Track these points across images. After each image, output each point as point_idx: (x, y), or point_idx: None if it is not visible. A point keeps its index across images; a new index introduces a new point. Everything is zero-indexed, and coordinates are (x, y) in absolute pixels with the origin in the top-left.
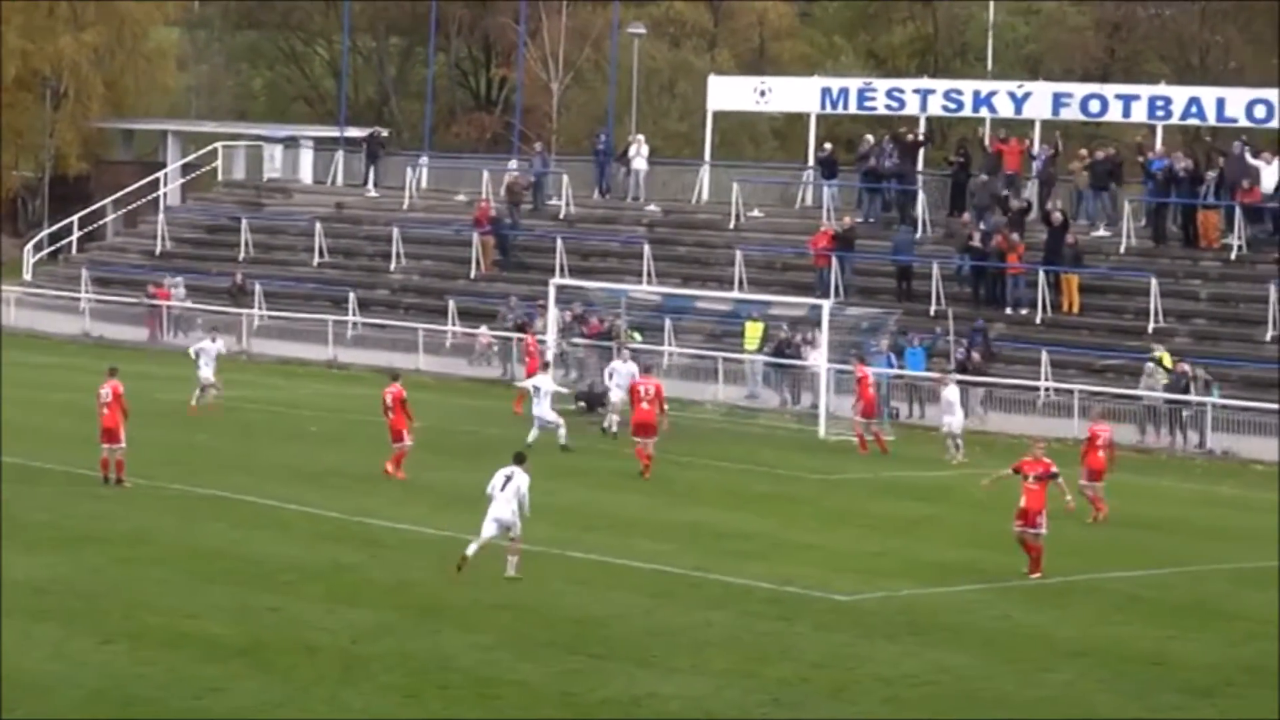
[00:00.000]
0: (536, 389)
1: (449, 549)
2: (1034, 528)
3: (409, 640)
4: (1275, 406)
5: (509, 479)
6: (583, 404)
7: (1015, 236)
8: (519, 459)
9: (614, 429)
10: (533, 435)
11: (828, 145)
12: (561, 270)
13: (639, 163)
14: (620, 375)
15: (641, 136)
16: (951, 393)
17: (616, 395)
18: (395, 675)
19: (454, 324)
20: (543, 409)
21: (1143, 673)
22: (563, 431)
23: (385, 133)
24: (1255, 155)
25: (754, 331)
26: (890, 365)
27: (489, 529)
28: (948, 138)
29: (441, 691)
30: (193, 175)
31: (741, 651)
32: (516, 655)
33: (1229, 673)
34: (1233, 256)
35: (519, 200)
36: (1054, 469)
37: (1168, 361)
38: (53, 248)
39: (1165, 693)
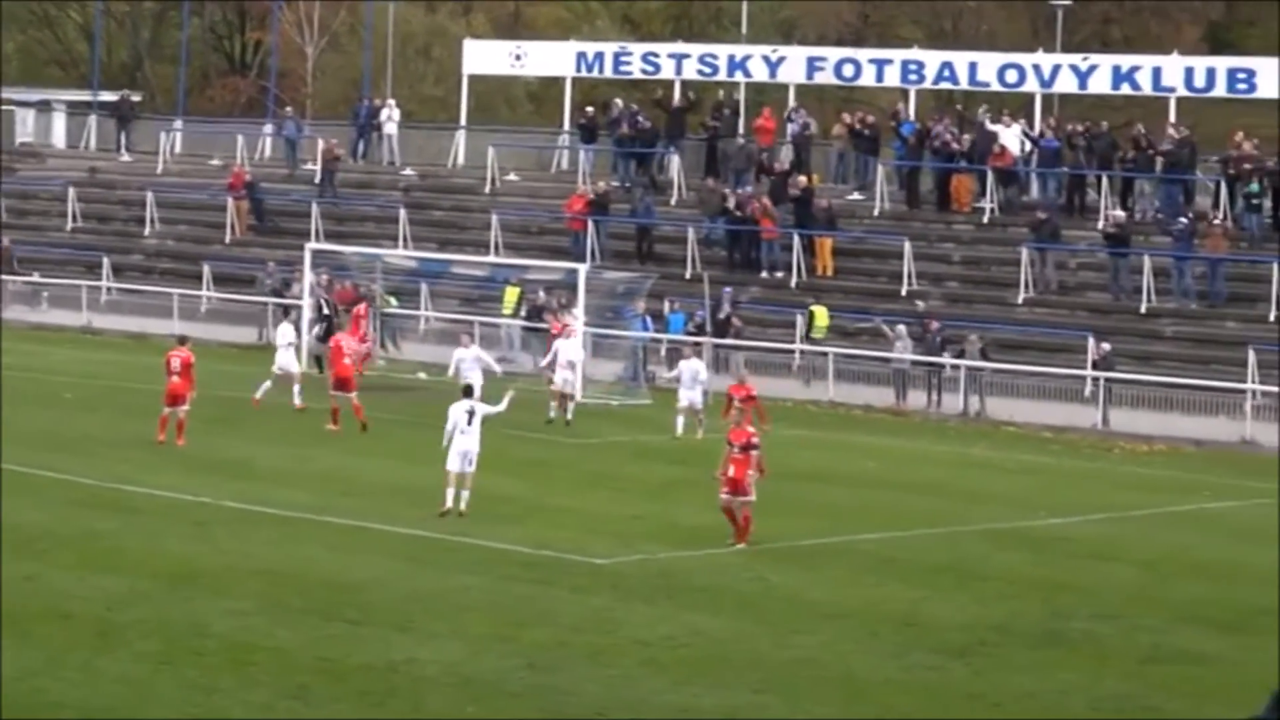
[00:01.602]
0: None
1: (204, 515)
2: (743, 495)
3: (164, 607)
4: (1027, 368)
5: (471, 414)
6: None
7: (769, 201)
8: (468, 392)
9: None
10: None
11: (589, 109)
12: (317, 235)
13: (390, 127)
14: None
15: (393, 101)
16: (692, 366)
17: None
18: (151, 642)
19: (209, 289)
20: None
21: (896, 633)
22: None
23: (138, 97)
24: (996, 120)
25: (510, 296)
26: (647, 329)
27: (454, 463)
28: (703, 102)
29: (197, 658)
30: None
31: (499, 615)
32: (272, 621)
33: (981, 632)
34: (985, 220)
35: (334, 168)
36: (755, 439)
37: (821, 319)
38: None
39: (919, 653)
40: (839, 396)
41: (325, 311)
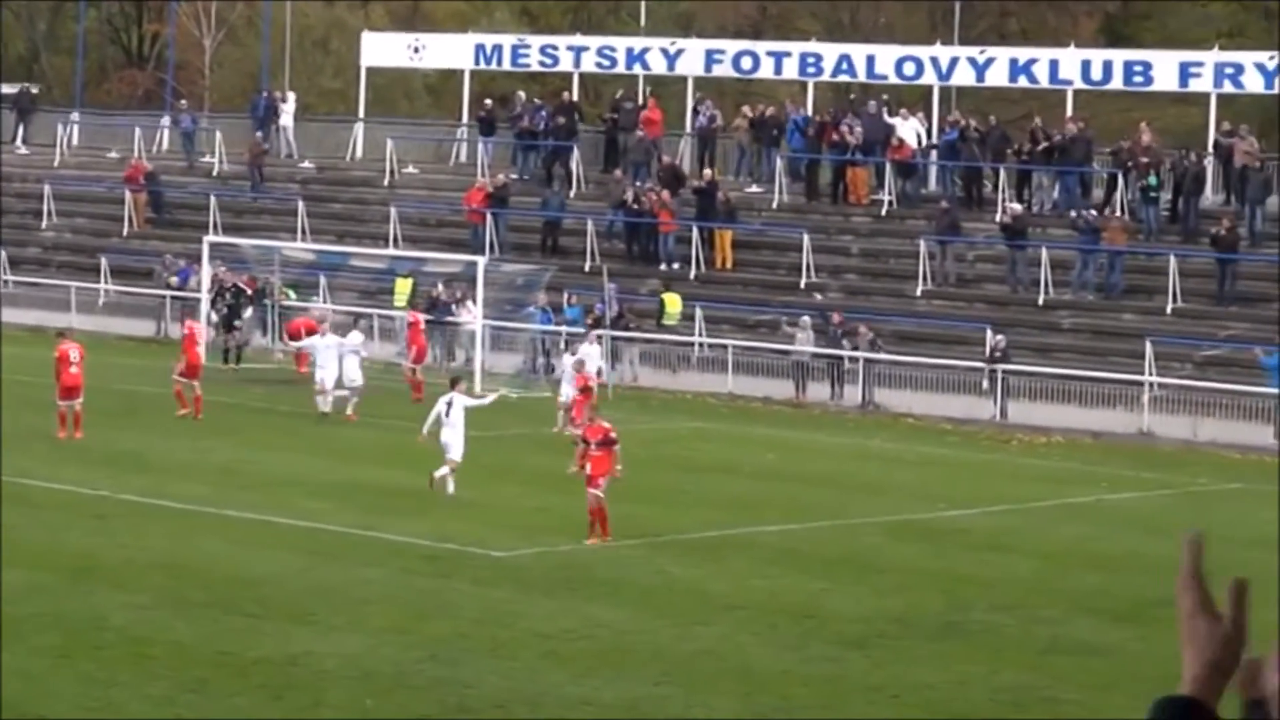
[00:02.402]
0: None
1: (103, 508)
2: (594, 488)
3: (63, 600)
4: (926, 361)
5: (450, 405)
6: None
7: (668, 194)
8: (453, 383)
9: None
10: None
11: (488, 102)
12: (215, 228)
13: (288, 120)
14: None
15: (291, 93)
16: (574, 359)
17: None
18: (49, 636)
19: (106, 282)
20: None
21: (796, 625)
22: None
23: (35, 89)
24: (894, 113)
25: (403, 288)
26: (549, 321)
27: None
28: (602, 95)
29: (96, 651)
30: None
31: (399, 608)
32: (172, 614)
33: (880, 624)
34: (883, 212)
35: (260, 164)
36: (613, 433)
37: (673, 306)
38: None
39: (818, 644)
40: (738, 389)
41: (229, 300)
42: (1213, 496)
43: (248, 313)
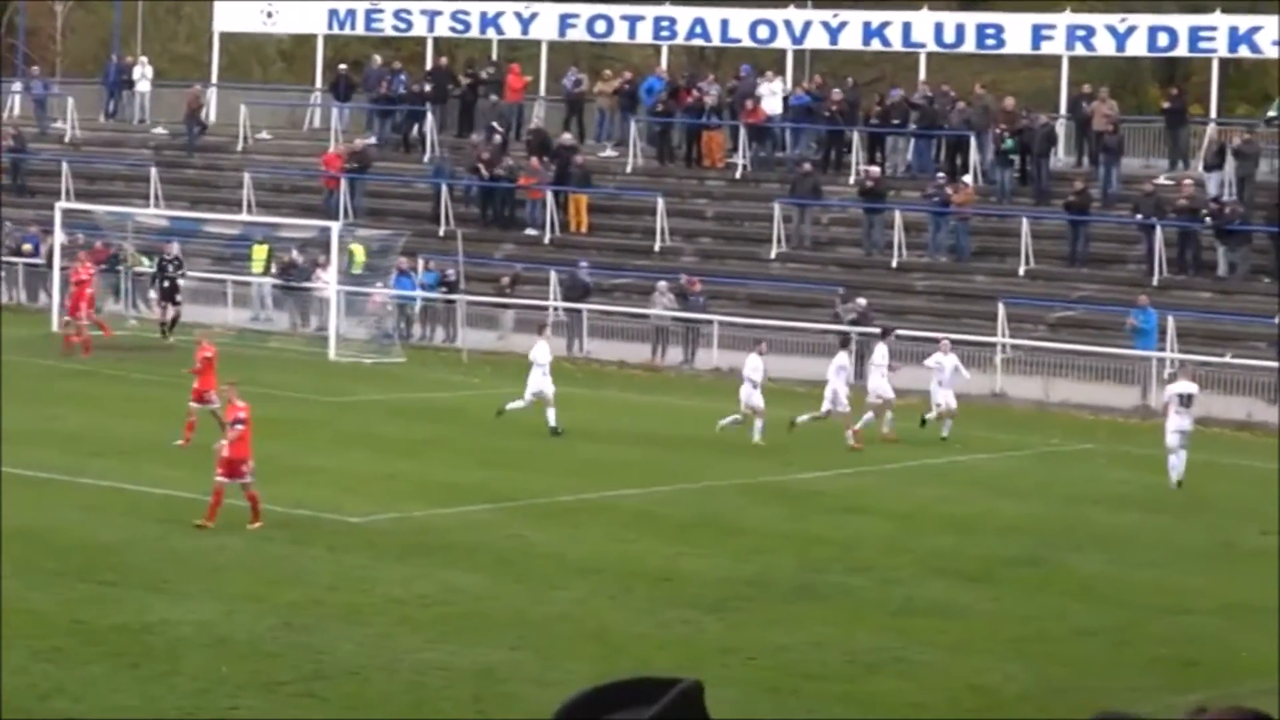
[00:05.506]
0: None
1: None
2: (239, 477)
3: None
4: (781, 324)
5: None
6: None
7: (536, 160)
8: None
9: None
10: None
11: (342, 67)
12: (67, 194)
13: (143, 85)
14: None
15: (145, 58)
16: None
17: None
18: None
19: None
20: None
21: (653, 589)
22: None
23: None
24: (759, 76)
25: (259, 254)
26: (409, 286)
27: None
28: (456, 59)
29: None
30: None
31: (254, 575)
32: (26, 584)
33: (736, 587)
34: (737, 176)
35: (198, 120)
36: (243, 414)
37: (359, 256)
38: None
39: (675, 608)
40: (594, 353)
41: (169, 272)
42: (1065, 457)
43: (182, 283)
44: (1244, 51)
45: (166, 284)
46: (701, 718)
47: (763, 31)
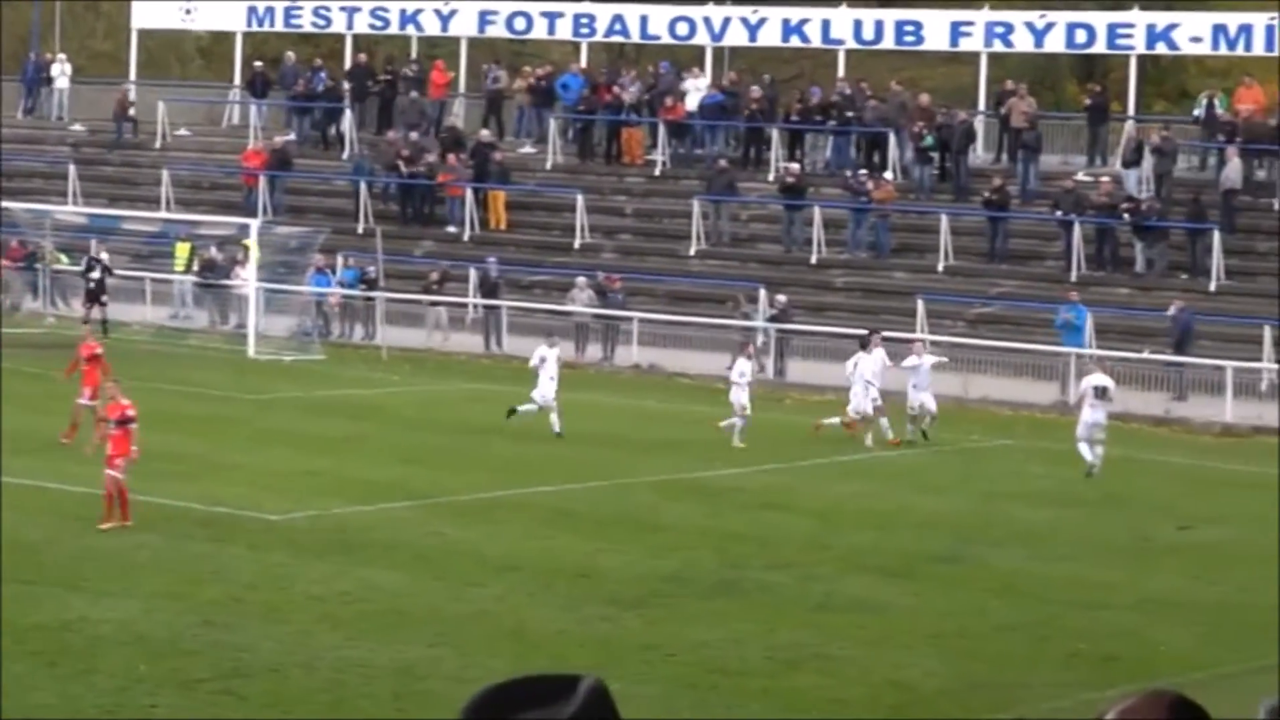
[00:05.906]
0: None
1: None
2: (113, 470)
3: None
4: (699, 320)
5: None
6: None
7: (454, 157)
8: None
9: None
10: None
11: (259, 64)
12: None
13: (62, 82)
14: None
15: (64, 55)
16: None
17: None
18: None
19: None
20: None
21: (571, 586)
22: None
23: None
24: (683, 72)
25: (182, 252)
26: (328, 284)
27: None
28: (376, 56)
29: None
30: None
31: (173, 573)
32: None
33: (655, 584)
34: (657, 172)
35: (124, 115)
36: (130, 412)
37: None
38: None
39: (593, 604)
40: (513, 350)
41: (96, 274)
42: (983, 453)
43: (108, 282)
44: (1161, 48)
45: (92, 285)
46: (613, 716)
47: (682, 28)
